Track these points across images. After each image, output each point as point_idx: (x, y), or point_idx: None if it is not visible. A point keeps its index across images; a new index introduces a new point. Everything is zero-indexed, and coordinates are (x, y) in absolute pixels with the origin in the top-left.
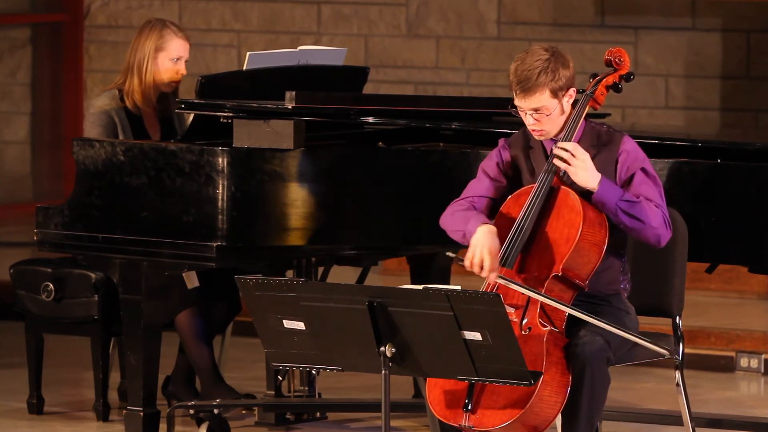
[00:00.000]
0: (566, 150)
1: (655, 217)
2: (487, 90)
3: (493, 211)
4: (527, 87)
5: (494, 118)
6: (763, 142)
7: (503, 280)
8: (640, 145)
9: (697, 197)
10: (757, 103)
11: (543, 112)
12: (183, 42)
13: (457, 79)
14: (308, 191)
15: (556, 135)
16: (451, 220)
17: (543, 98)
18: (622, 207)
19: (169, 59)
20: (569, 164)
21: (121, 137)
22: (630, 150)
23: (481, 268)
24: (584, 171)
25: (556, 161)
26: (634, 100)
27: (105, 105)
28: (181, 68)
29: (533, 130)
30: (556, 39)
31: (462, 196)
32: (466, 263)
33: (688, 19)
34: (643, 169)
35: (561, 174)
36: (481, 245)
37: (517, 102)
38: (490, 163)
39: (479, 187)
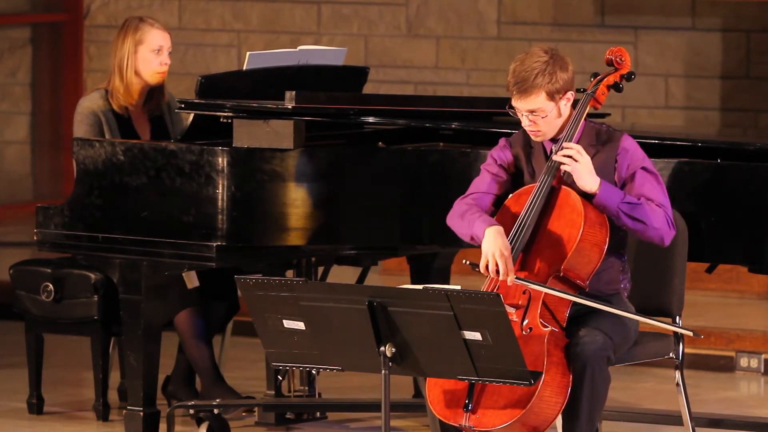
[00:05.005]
0: (572, 149)
1: (657, 218)
2: (487, 90)
3: (497, 206)
4: (523, 88)
5: (494, 118)
6: (763, 142)
7: (520, 281)
8: (640, 145)
9: (697, 197)
10: (757, 103)
11: (539, 114)
12: (162, 32)
13: (457, 79)
14: (308, 191)
15: (556, 135)
16: (458, 222)
17: (539, 100)
18: (624, 210)
19: (150, 51)
20: (575, 160)
21: (107, 137)
22: (629, 148)
23: (497, 272)
24: (587, 173)
25: (559, 158)
26: (634, 100)
27: (93, 105)
28: (164, 59)
29: (530, 132)
30: (556, 39)
31: (466, 193)
32: (482, 270)
33: (688, 19)
34: (644, 168)
35: (562, 174)
36: (492, 250)
37: (513, 102)
38: (490, 161)
39: (481, 184)
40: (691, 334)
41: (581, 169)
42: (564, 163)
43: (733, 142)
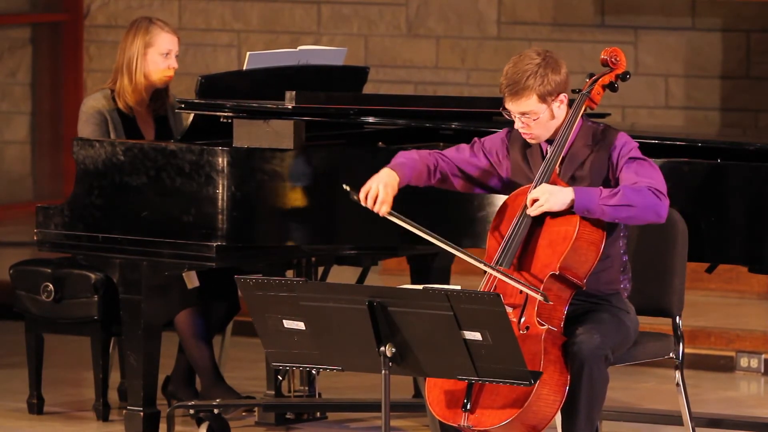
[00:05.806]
0: (532, 204)
1: (642, 196)
2: (487, 90)
3: (458, 180)
4: (515, 90)
5: (494, 118)
6: (763, 142)
7: (393, 217)
8: (641, 145)
9: (697, 197)
10: (757, 103)
11: (531, 116)
12: (171, 36)
13: (457, 79)
14: (308, 191)
15: (552, 136)
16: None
17: (530, 102)
18: (605, 203)
19: (159, 54)
20: (540, 204)
21: (112, 136)
22: (620, 145)
23: (375, 202)
24: (555, 196)
25: (534, 213)
26: (634, 100)
27: (98, 104)
28: (172, 62)
29: (524, 134)
30: (556, 39)
31: (444, 150)
32: (361, 196)
33: (688, 19)
34: (631, 158)
35: (559, 173)
36: (378, 180)
37: (506, 105)
38: (480, 142)
39: (457, 153)
40: (541, 298)
41: (549, 200)
42: (539, 210)
43: (733, 142)
